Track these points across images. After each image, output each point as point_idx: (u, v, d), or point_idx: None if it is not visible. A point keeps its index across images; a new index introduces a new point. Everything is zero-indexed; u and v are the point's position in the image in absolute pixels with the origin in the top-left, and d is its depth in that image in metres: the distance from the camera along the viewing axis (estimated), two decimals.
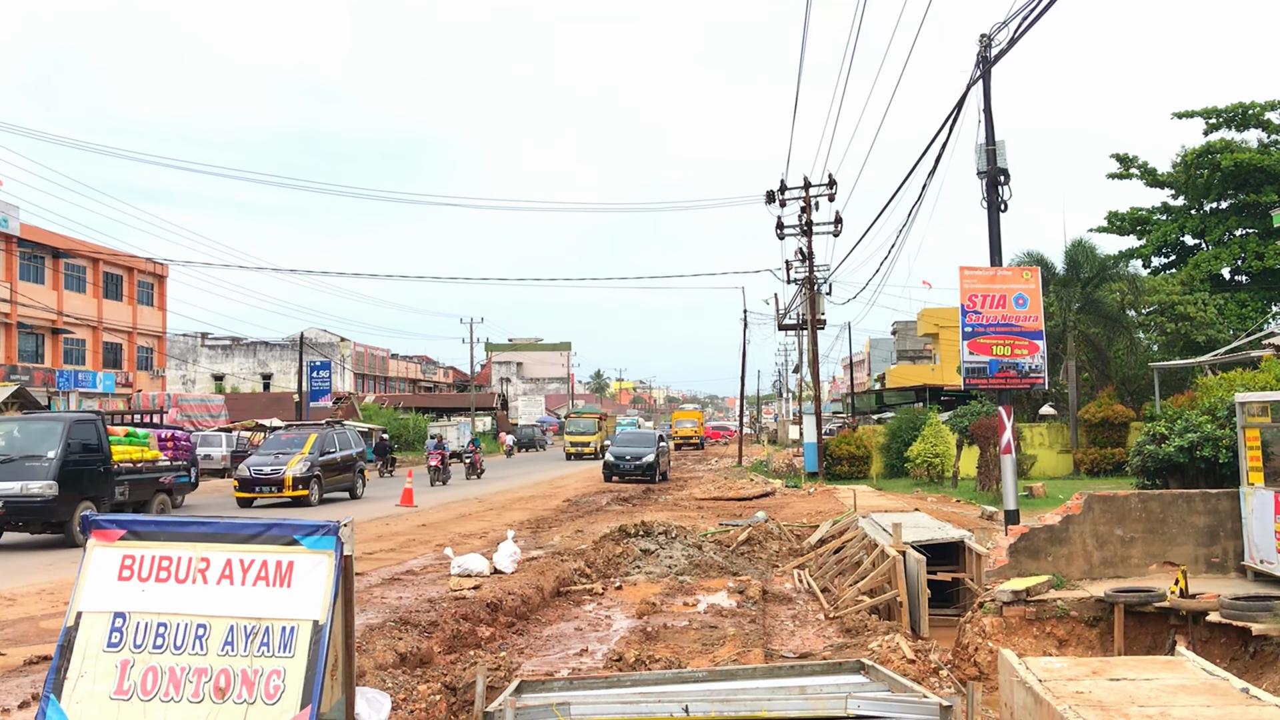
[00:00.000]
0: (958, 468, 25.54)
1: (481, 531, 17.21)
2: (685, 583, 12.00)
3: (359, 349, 72.71)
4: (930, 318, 56.24)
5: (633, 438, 33.89)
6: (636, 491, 26.73)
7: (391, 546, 15.13)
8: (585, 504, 22.98)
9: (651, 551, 13.54)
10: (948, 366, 50.18)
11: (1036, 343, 12.31)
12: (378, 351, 77.10)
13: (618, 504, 22.92)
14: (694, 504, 22.20)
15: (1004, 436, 12.43)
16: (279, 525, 4.47)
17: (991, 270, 12.46)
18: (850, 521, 14.81)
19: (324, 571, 4.33)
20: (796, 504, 20.90)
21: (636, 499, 24.39)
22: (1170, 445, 11.55)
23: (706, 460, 48.83)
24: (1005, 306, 12.31)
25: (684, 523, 16.60)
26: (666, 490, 27.43)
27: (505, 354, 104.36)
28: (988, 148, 12.52)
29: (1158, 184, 36.04)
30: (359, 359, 72.60)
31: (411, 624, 8.91)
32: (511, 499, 25.52)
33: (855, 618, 9.68)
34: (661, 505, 22.24)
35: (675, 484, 30.49)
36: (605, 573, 12.67)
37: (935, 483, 25.79)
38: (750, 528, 15.24)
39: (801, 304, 31.84)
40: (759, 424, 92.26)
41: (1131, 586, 8.87)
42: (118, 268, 46.13)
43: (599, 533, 15.38)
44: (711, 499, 23.17)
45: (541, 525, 18.42)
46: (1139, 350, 31.15)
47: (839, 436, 31.50)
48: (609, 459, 31.39)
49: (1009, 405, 12.48)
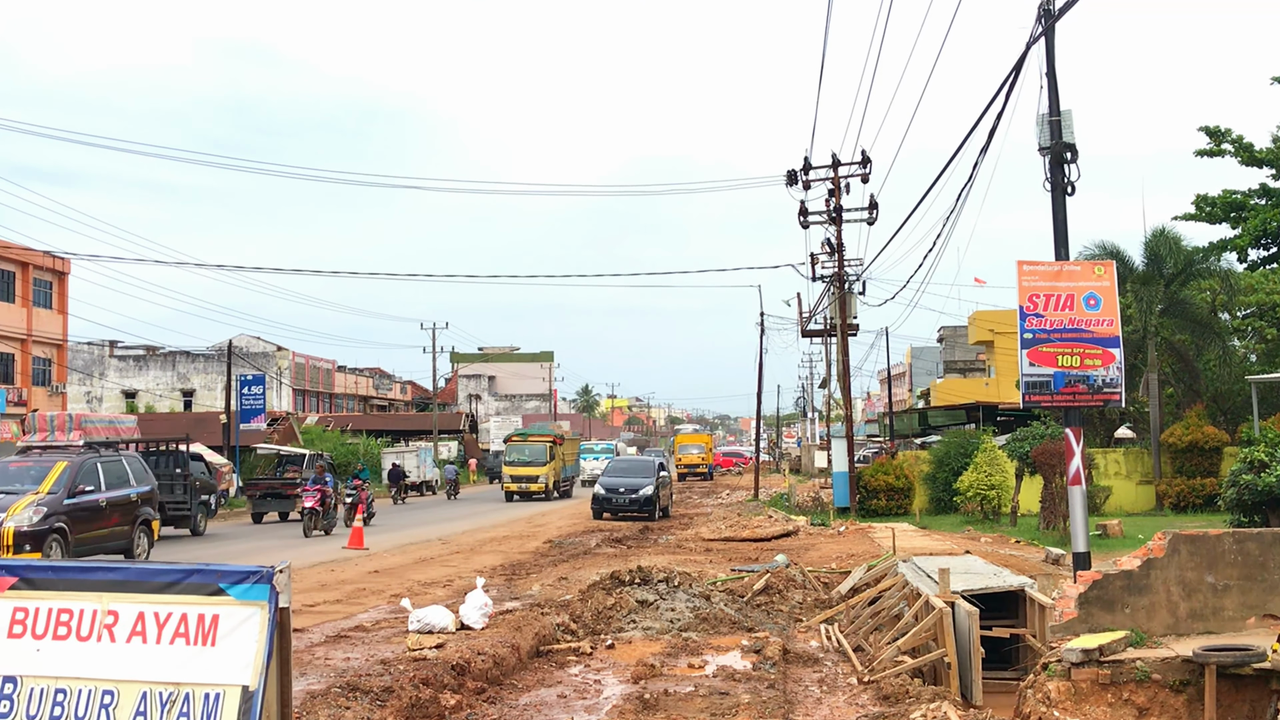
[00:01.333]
0: (1017, 502, 25.67)
1: (445, 579, 17.34)
2: (690, 640, 11.96)
3: (299, 360, 72.84)
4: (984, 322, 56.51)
5: (627, 466, 34.30)
6: (632, 531, 26.95)
7: (337, 597, 15.27)
8: (570, 546, 23.21)
9: (650, 603, 13.59)
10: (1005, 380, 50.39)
11: (1112, 351, 12.32)
12: (322, 363, 77.22)
13: (609, 545, 23.15)
14: (701, 546, 22.46)
15: (1072, 464, 12.45)
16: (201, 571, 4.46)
17: (1056, 265, 12.50)
18: (888, 567, 14.89)
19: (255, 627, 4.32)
20: (824, 546, 21.12)
21: (632, 539, 24.67)
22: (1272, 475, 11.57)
23: (716, 493, 48.92)
24: (1073, 308, 12.33)
25: (689, 568, 16.71)
26: (668, 529, 27.72)
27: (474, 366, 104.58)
28: (1051, 119, 12.58)
29: (1255, 162, 36.06)
30: (299, 372, 72.70)
31: (362, 690, 8.85)
32: (482, 539, 25.66)
33: (894, 682, 9.70)
34: (662, 547, 22.48)
35: (678, 522, 30.73)
36: (594, 628, 12.75)
37: (990, 520, 25.91)
38: (768, 574, 15.21)
39: (829, 305, 32.21)
40: (779, 449, 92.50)
41: (1225, 644, 8.77)
42: (9, 262, 46.19)
43: (587, 580, 15.53)
44: (722, 540, 23.37)
45: (518, 571, 18.59)
46: (1234, 361, 31.20)
47: (875, 465, 31.73)
48: (599, 492, 31.72)
49: (1078, 427, 12.52)
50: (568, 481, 47.91)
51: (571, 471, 49.76)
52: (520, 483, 43.49)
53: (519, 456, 44.39)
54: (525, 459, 44.08)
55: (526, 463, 43.90)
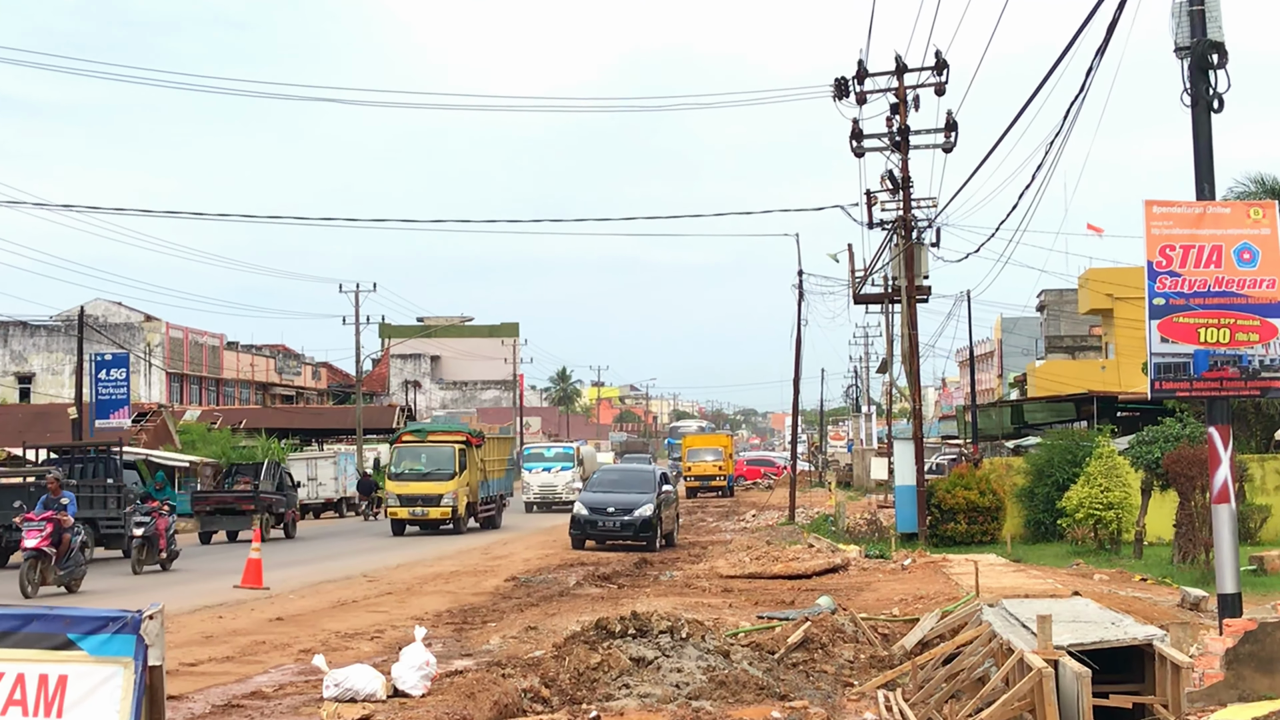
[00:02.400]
0: (1143, 526, 25.70)
1: (373, 629, 17.40)
2: (703, 712, 11.89)
3: (175, 335, 72.86)
4: (1100, 283, 56.39)
5: (619, 478, 34.59)
6: (624, 564, 27.02)
7: (228, 653, 15.37)
8: (542, 584, 23.26)
9: (649, 661, 13.55)
10: (1127, 363, 50.41)
11: (1273, 323, 12.29)
12: (206, 338, 77.25)
13: (594, 584, 23.14)
14: (717, 585, 22.44)
15: (1218, 475, 12.42)
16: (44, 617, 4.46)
17: (1198, 206, 12.47)
18: (970, 613, 14.91)
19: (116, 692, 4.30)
20: (883, 585, 21.19)
21: (625, 576, 24.60)
22: None
23: (737, 513, 48.82)
24: (1220, 264, 12.31)
25: (701, 615, 16.71)
26: (673, 562, 27.75)
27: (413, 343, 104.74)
28: (1192, 7, 12.53)
29: None
30: (176, 350, 72.70)
31: None
32: (421, 576, 25.74)
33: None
34: (665, 587, 22.44)
35: (687, 552, 30.77)
36: (574, 696, 12.71)
37: (1107, 549, 25.99)
38: (808, 623, 15.16)
39: (891, 261, 32.13)
40: (822, 455, 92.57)
41: None
42: None
43: (564, 631, 15.54)
44: (746, 577, 23.42)
45: (471, 618, 18.68)
46: None
47: (952, 476, 31.81)
48: (580, 513, 31.92)
49: (1226, 425, 12.50)
50: (492, 504, 43.66)
51: (501, 487, 45.27)
52: (413, 507, 39.00)
53: (411, 466, 39.94)
54: (420, 470, 39.67)
55: (423, 475, 39.44)
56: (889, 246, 32.49)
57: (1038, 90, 16.88)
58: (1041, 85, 16.48)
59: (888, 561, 25.14)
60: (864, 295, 35.33)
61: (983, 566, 20.68)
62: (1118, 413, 39.72)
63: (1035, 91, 16.80)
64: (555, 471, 55.17)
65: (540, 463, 56.35)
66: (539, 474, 55.45)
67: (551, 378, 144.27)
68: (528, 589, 22.59)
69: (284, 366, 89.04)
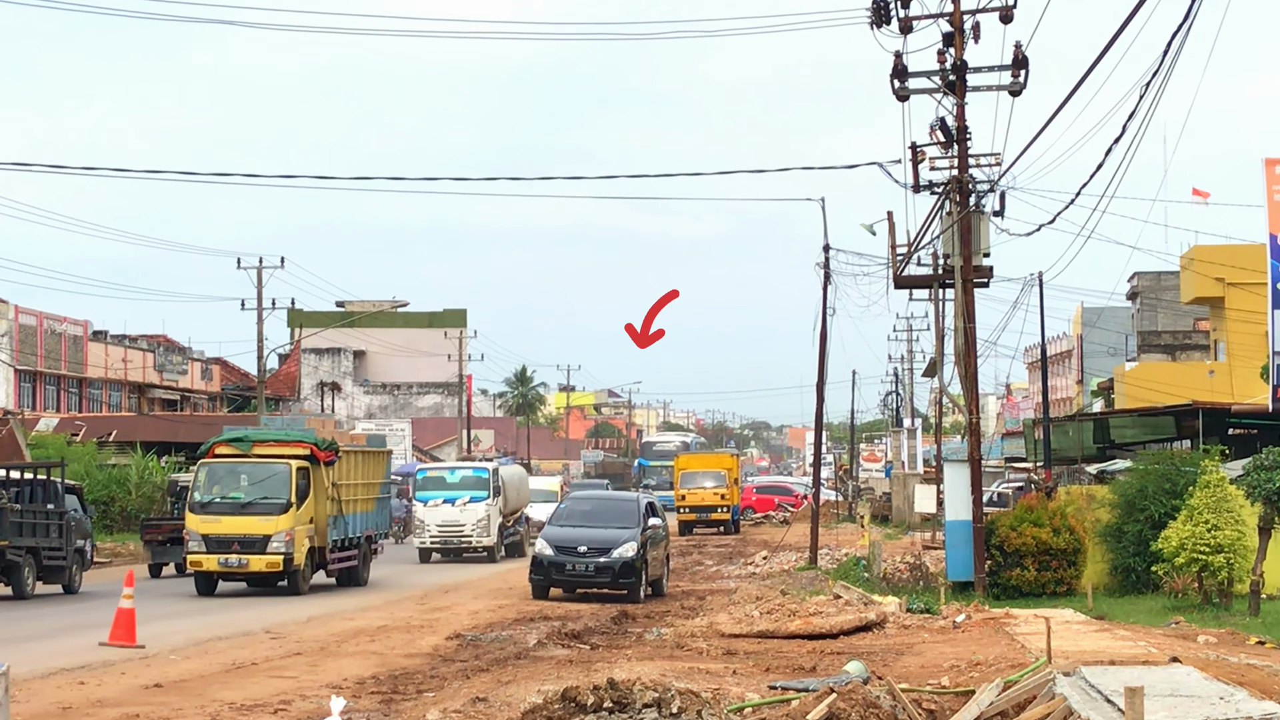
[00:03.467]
0: (1261, 575, 25.61)
1: (278, 699, 17.38)
2: None
3: (26, 321, 72.61)
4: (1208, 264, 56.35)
5: (593, 508, 34.82)
6: (600, 618, 27.05)
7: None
8: (494, 644, 23.24)
9: None
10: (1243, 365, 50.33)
11: None
12: (66, 326, 76.90)
13: (560, 644, 23.10)
14: (718, 646, 22.38)
15: None
16: None
17: None
18: (1040, 685, 14.78)
19: None
20: (929, 647, 21.14)
21: (600, 634, 24.64)
22: None
23: (744, 554, 48.82)
24: None
25: (697, 684, 16.61)
26: (662, 616, 27.79)
27: (331, 334, 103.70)
28: None
29: None
30: (27, 341, 72.47)
31: None
32: (340, 632, 25.67)
33: None
34: (651, 648, 22.38)
35: (680, 604, 30.80)
36: None
37: (1215, 604, 25.88)
38: (834, 695, 14.94)
39: (943, 234, 31.99)
40: (853, 480, 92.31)
41: None
42: None
43: (521, 703, 15.43)
44: (754, 635, 23.44)
45: (402, 687, 18.71)
46: None
47: (1019, 509, 31.70)
48: (543, 553, 31.92)
49: None
50: (354, 549, 38.29)
51: (370, 524, 40.08)
52: (225, 553, 33.91)
53: (225, 493, 35.19)
54: (238, 499, 35.04)
55: (241, 506, 34.70)
56: (939, 215, 32.27)
57: (1130, 17, 16.87)
58: (1135, 11, 16.44)
59: (935, 618, 24.86)
60: (907, 277, 35.19)
61: (1056, 625, 20.31)
62: (1229, 430, 39.35)
63: (1128, 20, 16.77)
64: (463, 504, 48.67)
65: (440, 490, 49.62)
66: (439, 507, 48.86)
67: (508, 380, 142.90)
68: (476, 649, 22.49)
69: (165, 363, 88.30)
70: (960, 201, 30.87)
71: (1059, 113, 24.88)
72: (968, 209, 30.75)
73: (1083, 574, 29.93)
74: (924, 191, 32.64)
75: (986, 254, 31.66)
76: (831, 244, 46.83)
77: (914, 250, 34.29)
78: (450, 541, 48.75)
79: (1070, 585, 29.59)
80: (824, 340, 47.26)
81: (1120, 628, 22.17)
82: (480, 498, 48.90)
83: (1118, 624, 23.01)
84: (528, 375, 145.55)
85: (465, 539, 48.62)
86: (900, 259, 34.84)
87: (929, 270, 34.11)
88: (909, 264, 34.69)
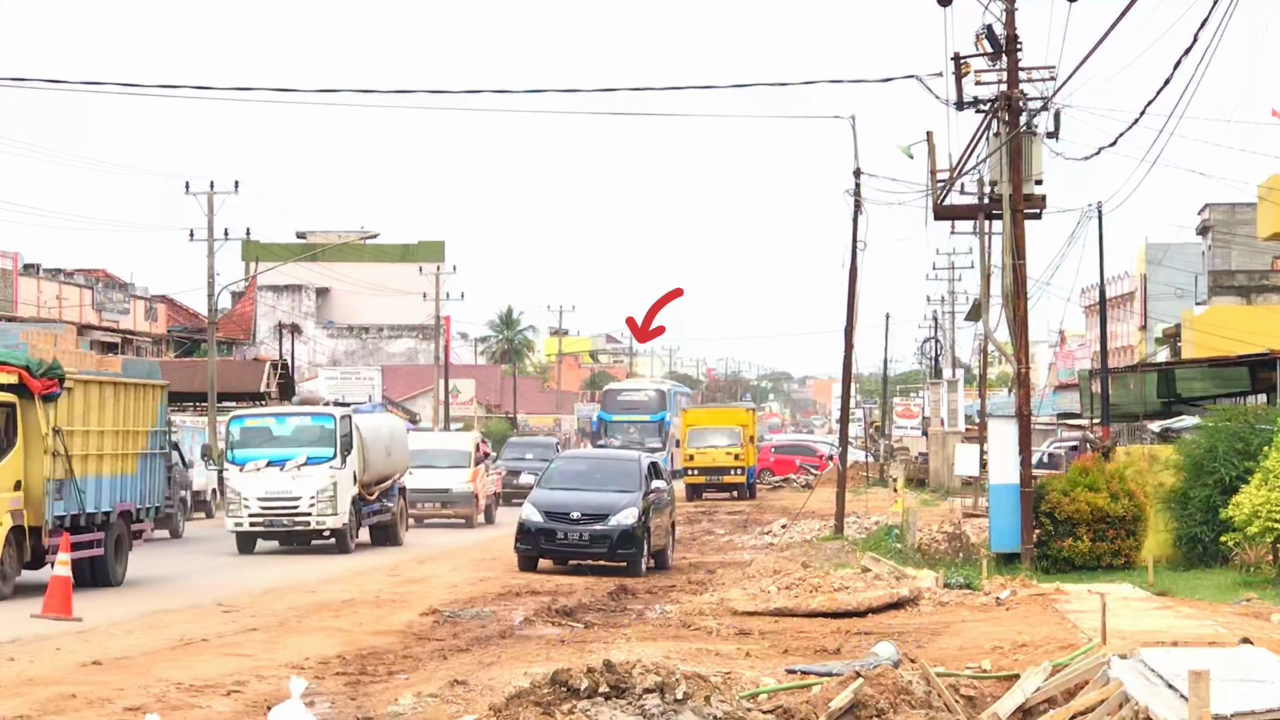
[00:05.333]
0: None
1: (231, 680, 17.62)
2: None
3: None
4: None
5: (588, 468, 35.15)
6: (595, 593, 27.75)
7: (23, 711, 15.49)
8: (475, 620, 23.78)
9: None
10: None
11: None
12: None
13: (550, 622, 23.67)
14: (729, 625, 22.81)
15: None
16: None
17: None
18: (1093, 668, 15.15)
19: None
20: (969, 626, 21.48)
21: (595, 611, 25.31)
22: None
23: (761, 521, 49.68)
24: None
25: (705, 666, 17.03)
26: (666, 591, 28.61)
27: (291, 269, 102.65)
28: None
29: None
30: None
31: None
32: (301, 606, 25.98)
33: None
34: (654, 626, 23.07)
35: (686, 577, 31.59)
36: None
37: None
38: (860, 680, 14.90)
39: (990, 157, 31.70)
40: (885, 438, 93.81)
41: None
42: None
43: (506, 687, 15.51)
44: (770, 613, 23.78)
45: (371, 667, 19.12)
46: None
47: (1072, 471, 31.51)
48: (530, 519, 31.68)
49: None
50: (90, 530, 27.97)
51: (130, 493, 30.09)
52: None
53: None
54: None
55: None
56: (986, 137, 31.91)
57: None
58: None
59: (976, 594, 25.12)
60: (949, 207, 34.57)
61: (1112, 602, 20.29)
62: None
63: None
64: (296, 468, 37.28)
65: (264, 448, 38.35)
66: (262, 472, 37.38)
67: (492, 322, 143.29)
68: (454, 627, 22.92)
69: (105, 301, 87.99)
70: (1009, 121, 30.54)
71: (1122, 19, 24.61)
72: (1018, 129, 30.36)
73: (1143, 545, 29.61)
74: (968, 109, 32.17)
75: (1039, 181, 31.15)
76: (863, 168, 45.37)
77: (956, 176, 33.84)
78: (278, 522, 37.36)
79: (1129, 558, 29.34)
80: (854, 278, 46.43)
81: (1184, 605, 22.49)
82: (322, 458, 37.39)
83: (1181, 601, 23.17)
84: (514, 317, 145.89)
85: (300, 518, 37.15)
86: (941, 186, 34.25)
87: (973, 199, 33.90)
88: (950, 192, 34.17)
